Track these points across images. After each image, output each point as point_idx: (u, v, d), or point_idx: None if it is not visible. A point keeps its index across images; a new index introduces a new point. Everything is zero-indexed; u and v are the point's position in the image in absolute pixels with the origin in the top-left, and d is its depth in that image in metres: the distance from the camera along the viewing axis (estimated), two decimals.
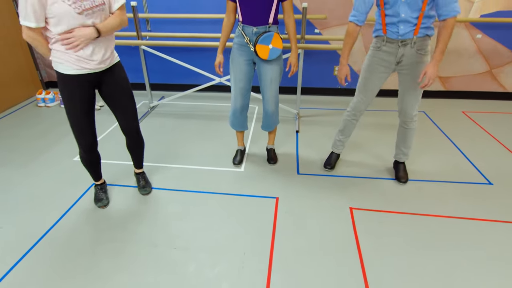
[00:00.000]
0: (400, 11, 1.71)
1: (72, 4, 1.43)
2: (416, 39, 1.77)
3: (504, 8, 3.15)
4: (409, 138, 2.13)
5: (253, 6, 1.84)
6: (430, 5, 1.68)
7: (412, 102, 1.97)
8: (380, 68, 1.93)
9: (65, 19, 1.44)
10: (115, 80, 1.73)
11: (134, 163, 2.14)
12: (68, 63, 1.54)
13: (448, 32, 1.66)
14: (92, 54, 1.56)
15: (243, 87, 2.10)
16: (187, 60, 3.50)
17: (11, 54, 3.49)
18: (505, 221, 1.88)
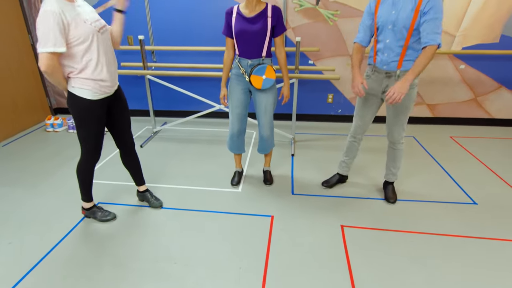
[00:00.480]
0: (386, 37, 1.89)
1: (92, 23, 1.67)
2: (400, 72, 1.91)
3: (483, 41, 3.41)
4: (398, 158, 2.26)
5: (248, 41, 2.05)
6: (415, 37, 1.82)
7: (397, 128, 2.12)
8: (370, 96, 2.11)
9: (90, 37, 1.65)
10: (120, 100, 1.96)
11: (136, 181, 2.28)
12: (95, 89, 1.74)
13: (425, 56, 1.74)
14: (110, 81, 1.78)
15: (240, 113, 2.28)
16: (188, 88, 3.73)
17: (24, 82, 3.72)
18: (489, 238, 1.99)
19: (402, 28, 1.81)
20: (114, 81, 1.85)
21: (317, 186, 2.54)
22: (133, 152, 2.17)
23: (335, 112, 3.89)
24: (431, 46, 1.73)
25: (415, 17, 1.76)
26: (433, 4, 1.72)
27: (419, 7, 1.74)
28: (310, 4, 3.39)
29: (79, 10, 1.66)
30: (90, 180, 2.06)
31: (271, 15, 2.01)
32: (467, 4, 3.26)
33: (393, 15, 1.82)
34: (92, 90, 1.74)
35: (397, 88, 1.78)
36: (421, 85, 3.65)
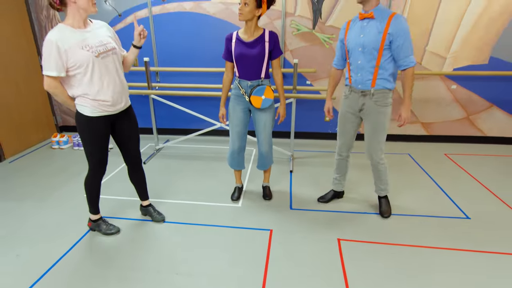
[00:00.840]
0: (357, 59, 2.04)
1: (90, 49, 1.77)
2: (374, 91, 2.04)
3: (473, 62, 3.57)
4: (382, 175, 2.31)
5: (247, 64, 2.19)
6: (385, 57, 1.96)
7: (374, 147, 2.19)
8: (348, 115, 2.23)
9: (88, 64, 1.76)
10: (129, 120, 2.07)
11: (140, 196, 2.37)
12: (93, 107, 1.85)
13: (409, 81, 1.97)
14: (112, 104, 1.90)
15: (240, 131, 2.39)
16: (190, 107, 3.87)
17: (32, 101, 3.87)
18: (481, 251, 2.05)
19: (372, 50, 1.96)
20: (118, 101, 1.92)
21: (315, 202, 2.62)
22: (140, 169, 2.27)
23: (332, 130, 4.01)
24: (409, 69, 1.95)
25: (383, 40, 1.92)
26: (401, 30, 1.88)
27: (386, 31, 1.90)
28: (307, 28, 3.58)
29: (86, 35, 1.78)
30: (97, 193, 2.15)
31: (268, 40, 2.16)
32: (456, 27, 3.44)
33: (362, 38, 1.98)
34: (90, 107, 1.84)
35: (404, 114, 2.05)
36: (415, 104, 3.78)
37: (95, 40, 1.81)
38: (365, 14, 1.97)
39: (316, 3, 3.48)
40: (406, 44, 1.90)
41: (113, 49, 1.89)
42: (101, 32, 1.87)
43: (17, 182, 2.98)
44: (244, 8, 2.05)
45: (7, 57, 3.51)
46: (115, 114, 1.96)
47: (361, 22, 2.00)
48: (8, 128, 3.53)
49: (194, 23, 3.68)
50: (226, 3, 3.58)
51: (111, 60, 1.87)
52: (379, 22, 1.92)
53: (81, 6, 1.72)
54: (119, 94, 1.93)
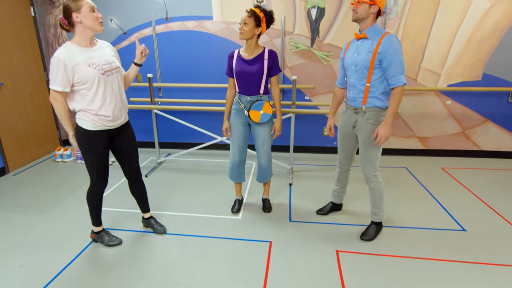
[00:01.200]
0: (350, 77, 2.12)
1: (96, 67, 1.86)
2: (366, 108, 2.09)
3: (467, 79, 3.68)
4: (376, 198, 2.27)
5: (247, 81, 2.29)
6: (376, 76, 2.01)
7: (365, 162, 2.20)
8: (345, 130, 2.29)
9: (94, 81, 1.85)
10: (128, 135, 2.14)
11: (142, 209, 2.42)
12: (94, 121, 1.92)
13: (396, 98, 1.97)
14: (113, 119, 1.98)
15: (240, 144, 2.46)
16: (191, 122, 3.96)
17: (37, 115, 3.96)
18: (477, 262, 2.08)
19: (362, 68, 2.02)
20: (118, 117, 2.00)
21: (314, 214, 2.66)
22: (140, 182, 2.33)
23: (331, 144, 4.08)
24: (397, 88, 1.96)
25: (373, 59, 1.97)
26: (390, 49, 1.92)
27: (377, 50, 1.96)
28: (305, 46, 3.71)
29: (92, 54, 1.88)
30: (99, 205, 2.20)
31: (267, 57, 2.26)
32: (450, 45, 3.57)
33: (355, 57, 2.06)
34: (91, 121, 1.91)
35: (381, 132, 2.00)
36: (412, 119, 3.87)
37: (100, 58, 1.90)
38: (359, 34, 2.06)
39: (313, 22, 3.62)
40: (395, 63, 1.93)
41: (117, 68, 1.99)
42: (105, 51, 1.97)
43: (20, 194, 3.03)
44: (244, 28, 2.16)
45: (15, 75, 3.63)
46: (114, 129, 2.04)
47: (357, 42, 2.09)
48: (12, 142, 3.60)
49: (196, 41, 3.82)
50: (227, 22, 3.72)
51: (115, 78, 1.97)
52: (372, 41, 2.00)
53: (87, 26, 1.82)
54: (120, 110, 2.02)
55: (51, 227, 2.49)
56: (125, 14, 3.82)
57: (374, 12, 1.97)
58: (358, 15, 1.99)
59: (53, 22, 3.98)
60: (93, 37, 1.92)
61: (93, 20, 1.82)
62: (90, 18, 1.81)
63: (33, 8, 3.87)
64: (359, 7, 1.97)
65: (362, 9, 1.97)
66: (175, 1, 3.72)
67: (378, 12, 1.99)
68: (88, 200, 2.16)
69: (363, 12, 1.97)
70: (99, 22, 1.86)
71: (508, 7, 3.38)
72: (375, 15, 2.00)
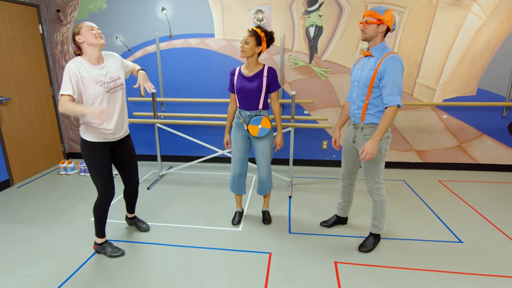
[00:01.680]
0: (353, 92, 2.20)
1: (103, 85, 2.01)
2: (364, 125, 2.14)
3: (462, 94, 3.78)
4: (377, 210, 2.30)
5: (246, 96, 2.39)
6: (375, 94, 2.06)
7: (367, 176, 2.25)
8: (347, 144, 2.37)
9: (97, 97, 1.99)
10: (127, 149, 2.29)
11: (129, 209, 2.61)
12: (95, 134, 2.07)
13: (387, 117, 1.97)
14: (113, 133, 2.12)
15: (241, 157, 2.54)
16: (193, 135, 4.05)
17: (42, 129, 4.05)
18: (474, 273, 2.12)
19: (363, 85, 2.08)
20: (118, 130, 2.14)
21: (313, 226, 2.71)
22: (136, 190, 2.51)
23: (330, 157, 4.16)
24: (390, 107, 1.97)
25: (373, 77, 2.02)
26: (390, 68, 1.95)
27: (378, 69, 2.00)
28: (304, 62, 3.83)
29: (100, 72, 2.02)
30: (104, 217, 2.27)
31: (266, 74, 2.36)
32: (444, 62, 3.68)
33: (359, 74, 2.13)
34: (92, 134, 2.06)
35: (367, 148, 2.01)
36: (409, 133, 3.95)
37: (107, 76, 2.06)
38: (366, 52, 2.12)
39: (312, 40, 3.75)
40: (392, 83, 1.94)
41: (121, 85, 2.14)
42: (112, 67, 2.11)
43: (24, 206, 3.08)
44: (245, 46, 2.27)
45: (22, 90, 3.74)
46: (114, 141, 2.18)
47: (364, 59, 2.15)
48: (18, 155, 3.68)
49: (198, 57, 3.95)
50: (228, 39, 3.86)
51: (119, 95, 2.12)
52: (375, 59, 2.05)
53: (88, 42, 1.98)
54: (121, 124, 2.16)
55: (54, 239, 2.53)
56: (130, 32, 3.96)
57: (383, 31, 2.02)
58: (367, 35, 2.04)
59: (60, 39, 4.12)
60: (100, 55, 2.06)
61: (91, 36, 1.97)
62: (89, 36, 1.97)
63: (41, 26, 4.02)
64: (367, 27, 2.01)
65: (370, 29, 2.01)
66: (179, 19, 3.87)
67: (386, 30, 2.03)
68: (94, 211, 2.24)
69: (371, 32, 2.02)
70: (97, 36, 2.00)
71: (499, 26, 3.51)
72: (383, 34, 2.04)
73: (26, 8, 3.80)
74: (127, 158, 2.31)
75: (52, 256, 2.32)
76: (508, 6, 3.45)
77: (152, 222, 2.76)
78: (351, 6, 3.62)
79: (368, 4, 3.59)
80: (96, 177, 2.14)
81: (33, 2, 3.90)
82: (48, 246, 2.44)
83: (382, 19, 1.98)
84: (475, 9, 3.49)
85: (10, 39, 3.57)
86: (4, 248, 2.41)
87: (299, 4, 3.67)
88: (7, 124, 3.54)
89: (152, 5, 3.85)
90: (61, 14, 3.99)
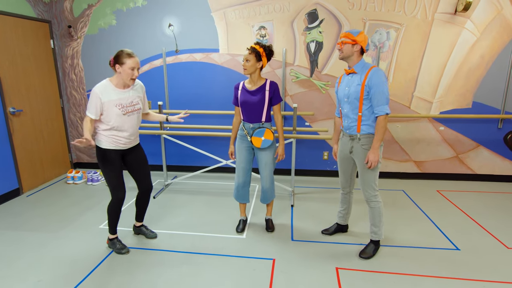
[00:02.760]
0: (344, 108, 2.33)
1: (121, 108, 2.23)
2: (360, 135, 2.28)
3: (458, 106, 3.91)
4: (375, 216, 2.40)
5: (250, 109, 2.52)
6: (366, 105, 2.22)
7: (365, 184, 2.36)
8: (343, 155, 2.48)
9: (115, 117, 2.23)
10: (139, 155, 2.49)
11: (138, 218, 2.71)
12: (108, 142, 2.29)
13: (380, 126, 2.16)
14: (125, 143, 2.34)
15: (244, 167, 2.65)
16: (198, 146, 4.16)
17: (51, 140, 4.17)
18: (471, 279, 2.20)
19: (354, 100, 2.24)
20: (129, 142, 2.37)
21: (315, 234, 2.79)
22: (148, 197, 2.62)
23: (331, 167, 4.26)
24: (380, 116, 2.17)
25: (362, 91, 2.19)
26: (375, 80, 2.14)
27: (364, 83, 2.18)
28: (305, 76, 3.98)
29: (122, 95, 2.27)
30: (116, 217, 2.46)
31: (268, 88, 2.50)
32: (440, 76, 3.83)
33: (347, 90, 2.29)
34: (106, 142, 2.28)
35: (371, 158, 2.21)
36: (408, 144, 4.07)
37: (127, 101, 2.29)
38: (349, 70, 2.30)
39: (312, 55, 3.91)
40: (379, 94, 2.13)
41: (138, 110, 2.38)
42: (134, 93, 2.34)
43: (34, 214, 3.18)
44: (247, 64, 2.42)
45: (33, 102, 3.88)
46: (125, 149, 2.39)
47: (347, 76, 2.34)
48: (27, 164, 3.79)
49: (203, 71, 4.10)
50: (232, 54, 4.02)
51: (135, 117, 2.37)
52: (360, 75, 2.23)
53: (123, 77, 2.24)
54: (133, 136, 2.39)
55: (64, 245, 2.62)
56: (138, 47, 4.13)
57: (357, 50, 2.23)
58: (344, 54, 2.25)
59: (70, 53, 4.28)
60: (127, 84, 2.29)
61: (128, 76, 2.22)
62: (127, 74, 2.21)
63: (53, 41, 4.19)
64: (343, 47, 2.23)
65: (346, 49, 2.23)
66: (185, 35, 4.04)
67: (361, 50, 2.24)
68: (108, 210, 2.44)
69: (347, 50, 2.23)
70: (131, 78, 2.24)
71: (492, 42, 3.66)
72: (359, 52, 2.25)
73: (39, 24, 3.98)
74: (138, 163, 2.49)
75: (62, 262, 2.40)
76: (500, 23, 3.62)
77: (158, 229, 2.85)
78: (350, 23, 3.78)
79: (366, 21, 3.76)
80: (109, 180, 2.35)
81: (46, 18, 4.08)
82: (58, 252, 2.52)
83: (356, 39, 2.20)
84: (469, 26, 3.66)
85: (23, 53, 3.74)
86: (15, 254, 2.50)
87: (300, 21, 3.84)
88: (19, 134, 3.67)
89: (159, 21, 4.03)
90: (72, 30, 4.17)
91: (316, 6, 3.79)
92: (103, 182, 4.02)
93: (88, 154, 4.61)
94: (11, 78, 3.59)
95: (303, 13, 3.83)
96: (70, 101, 4.45)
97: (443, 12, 3.66)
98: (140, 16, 4.05)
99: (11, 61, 3.59)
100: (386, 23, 3.75)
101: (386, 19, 3.75)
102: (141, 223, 2.75)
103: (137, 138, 2.46)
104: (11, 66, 3.58)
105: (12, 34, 3.59)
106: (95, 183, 3.98)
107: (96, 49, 4.22)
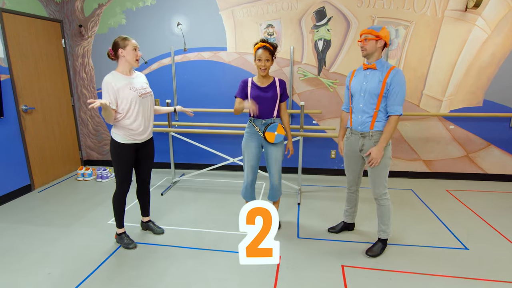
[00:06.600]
0: (359, 102, 2.30)
1: (136, 91, 2.28)
2: (373, 132, 2.26)
3: (468, 105, 3.85)
4: (384, 215, 2.40)
5: (263, 105, 2.53)
6: (383, 103, 2.20)
7: (376, 183, 2.35)
8: (350, 153, 2.46)
9: (132, 100, 2.27)
10: (149, 149, 2.54)
11: (142, 212, 2.75)
12: (124, 136, 2.33)
13: (391, 126, 2.17)
14: (141, 133, 2.38)
15: (253, 165, 2.66)
16: (205, 143, 4.19)
17: (62, 137, 4.25)
18: (479, 279, 2.17)
19: (373, 95, 2.21)
20: (145, 132, 2.41)
21: (321, 232, 2.79)
22: (147, 189, 2.69)
23: (338, 166, 4.24)
24: (393, 116, 2.17)
25: (383, 87, 2.17)
26: (396, 80, 2.13)
27: (386, 80, 2.16)
28: (312, 74, 3.97)
29: (132, 80, 2.33)
30: (122, 209, 2.51)
31: (278, 85, 2.54)
32: (450, 74, 3.77)
33: (365, 85, 2.25)
34: (122, 135, 2.32)
35: (374, 154, 2.21)
36: (417, 143, 4.02)
37: (138, 84, 2.34)
38: (368, 65, 2.26)
39: (320, 53, 3.90)
40: (397, 94, 2.13)
41: (150, 92, 2.43)
42: (140, 79, 2.41)
43: (45, 209, 3.25)
44: (267, 64, 2.46)
45: (45, 100, 3.96)
46: (140, 143, 2.42)
47: (365, 71, 2.29)
48: (39, 161, 3.87)
49: (211, 69, 4.13)
50: (240, 52, 4.03)
51: (148, 100, 2.41)
52: (380, 72, 2.20)
53: (127, 60, 2.28)
54: (148, 128, 2.43)
55: (74, 240, 2.67)
56: (147, 46, 4.18)
57: (381, 46, 2.20)
58: (368, 51, 2.22)
59: (81, 52, 4.36)
60: (131, 68, 2.36)
61: (133, 57, 2.30)
62: (131, 55, 2.29)
63: (64, 40, 4.27)
64: (367, 44, 2.20)
65: (369, 45, 2.20)
66: (193, 33, 4.07)
67: (383, 46, 2.22)
68: (113, 202, 2.50)
69: (371, 47, 2.20)
70: (136, 59, 2.31)
71: (504, 39, 3.60)
72: (381, 48, 2.22)
73: (51, 23, 4.06)
74: (146, 158, 2.55)
75: (72, 256, 2.45)
76: None
77: (166, 225, 2.88)
78: (358, 20, 3.76)
79: (375, 18, 3.73)
80: (117, 172, 2.41)
81: (57, 18, 4.16)
82: (68, 247, 2.58)
83: (380, 35, 2.16)
84: (480, 23, 3.60)
85: (35, 52, 3.82)
86: (27, 248, 2.56)
87: (308, 19, 3.84)
88: (31, 132, 3.75)
89: (168, 20, 4.07)
90: (83, 29, 4.24)
91: (324, 3, 3.77)
92: (112, 179, 4.07)
93: (98, 152, 4.68)
94: (24, 76, 3.67)
95: (311, 11, 3.82)
96: (80, 99, 4.52)
97: (453, 9, 3.61)
98: (149, 15, 4.10)
99: (24, 60, 3.67)
100: (395, 20, 3.72)
101: (395, 17, 3.71)
102: (148, 218, 2.79)
103: (151, 130, 2.49)
104: (23, 64, 3.66)
105: (24, 33, 3.67)
106: (104, 180, 4.04)
107: (106, 48, 4.28)
